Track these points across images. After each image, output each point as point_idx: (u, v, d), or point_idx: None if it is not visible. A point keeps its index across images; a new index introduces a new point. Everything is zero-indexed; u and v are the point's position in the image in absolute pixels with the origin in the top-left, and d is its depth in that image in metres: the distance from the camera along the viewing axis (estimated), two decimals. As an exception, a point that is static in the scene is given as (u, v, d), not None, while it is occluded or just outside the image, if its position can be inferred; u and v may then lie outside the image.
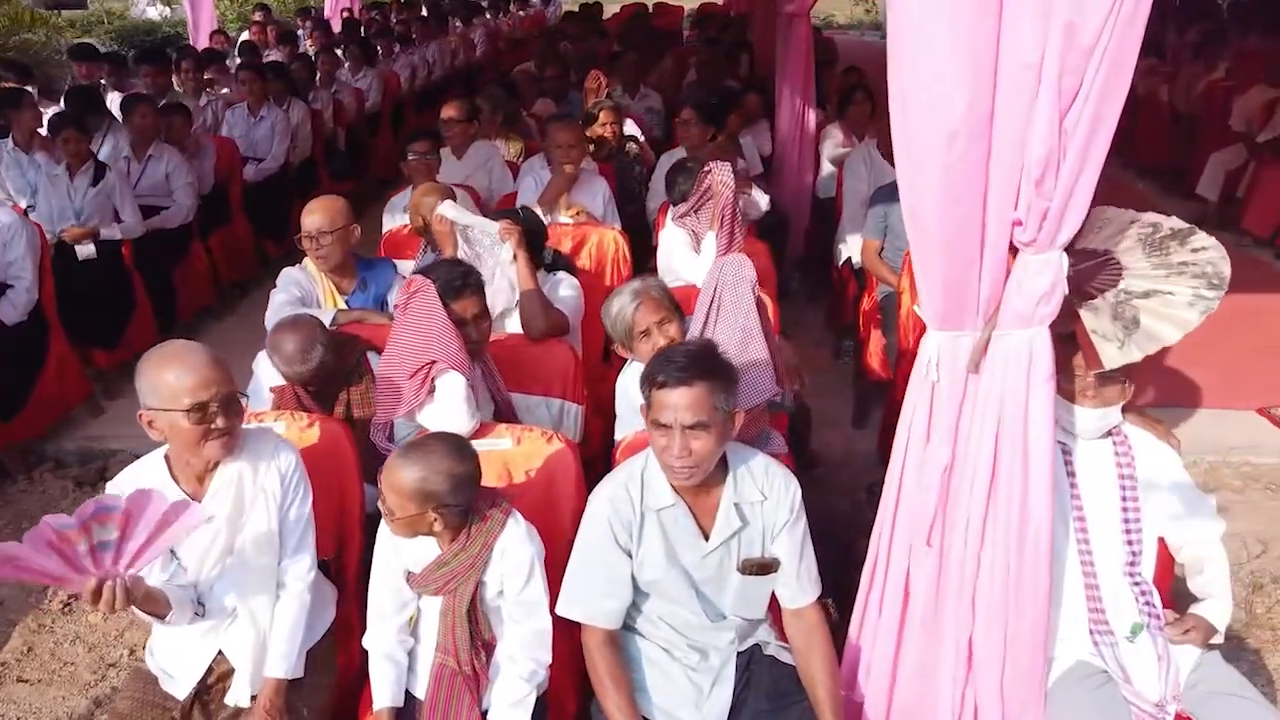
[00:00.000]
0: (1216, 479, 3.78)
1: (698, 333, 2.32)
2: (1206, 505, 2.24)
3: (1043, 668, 1.94)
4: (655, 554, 1.93)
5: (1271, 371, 4.66)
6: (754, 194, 3.97)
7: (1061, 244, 1.67)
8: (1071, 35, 1.49)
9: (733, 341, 2.27)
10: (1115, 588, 2.14)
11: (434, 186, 3.45)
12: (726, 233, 3.08)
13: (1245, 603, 3.06)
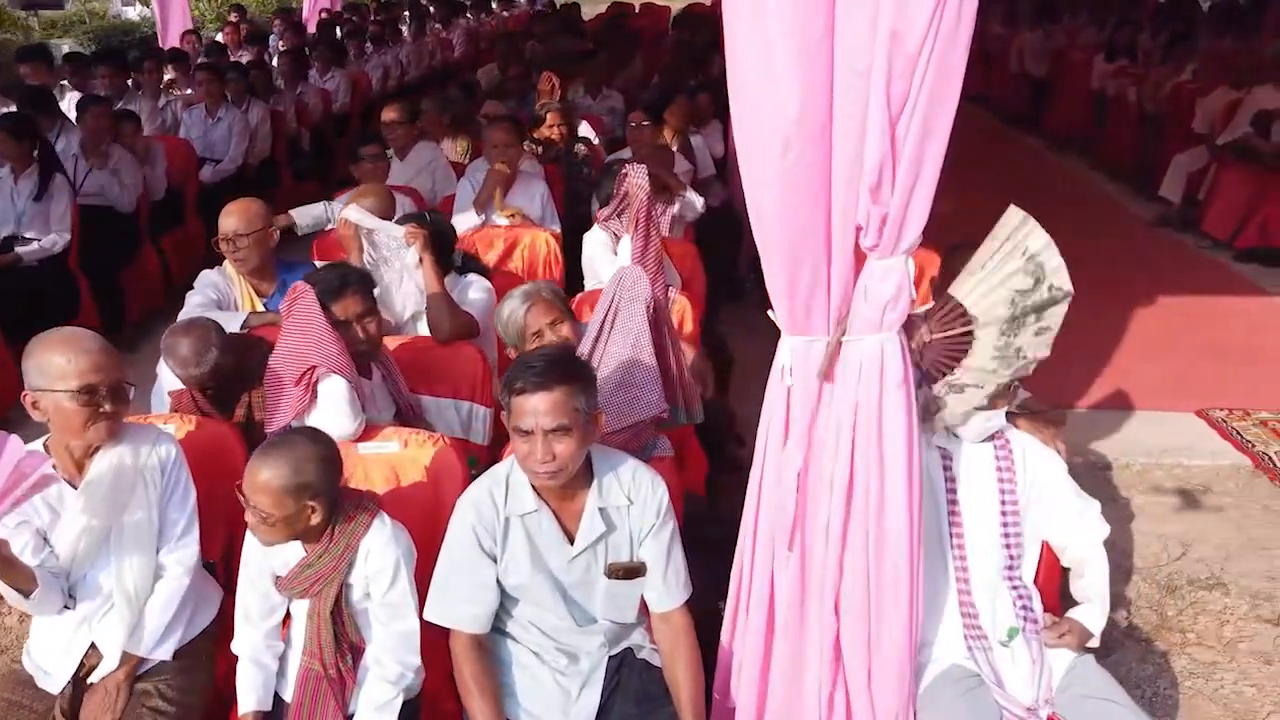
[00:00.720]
0: (1148, 481, 3.78)
1: (591, 340, 2.32)
2: (1090, 510, 2.24)
3: (911, 671, 1.95)
4: (520, 559, 1.93)
5: (1216, 373, 4.68)
6: (689, 196, 3.97)
7: (905, 249, 1.68)
8: (896, 42, 1.50)
9: (623, 355, 2.27)
10: (993, 592, 2.14)
11: (370, 189, 3.46)
12: (641, 235, 3.08)
13: (1158, 605, 3.06)
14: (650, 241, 3.19)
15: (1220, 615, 3.02)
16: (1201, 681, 2.77)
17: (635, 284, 2.30)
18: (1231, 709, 2.68)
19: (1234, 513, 3.57)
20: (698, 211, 3.93)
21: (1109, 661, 2.84)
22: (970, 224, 7.79)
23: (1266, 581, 3.18)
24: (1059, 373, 4.58)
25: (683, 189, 3.95)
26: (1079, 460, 3.93)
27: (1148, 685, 2.76)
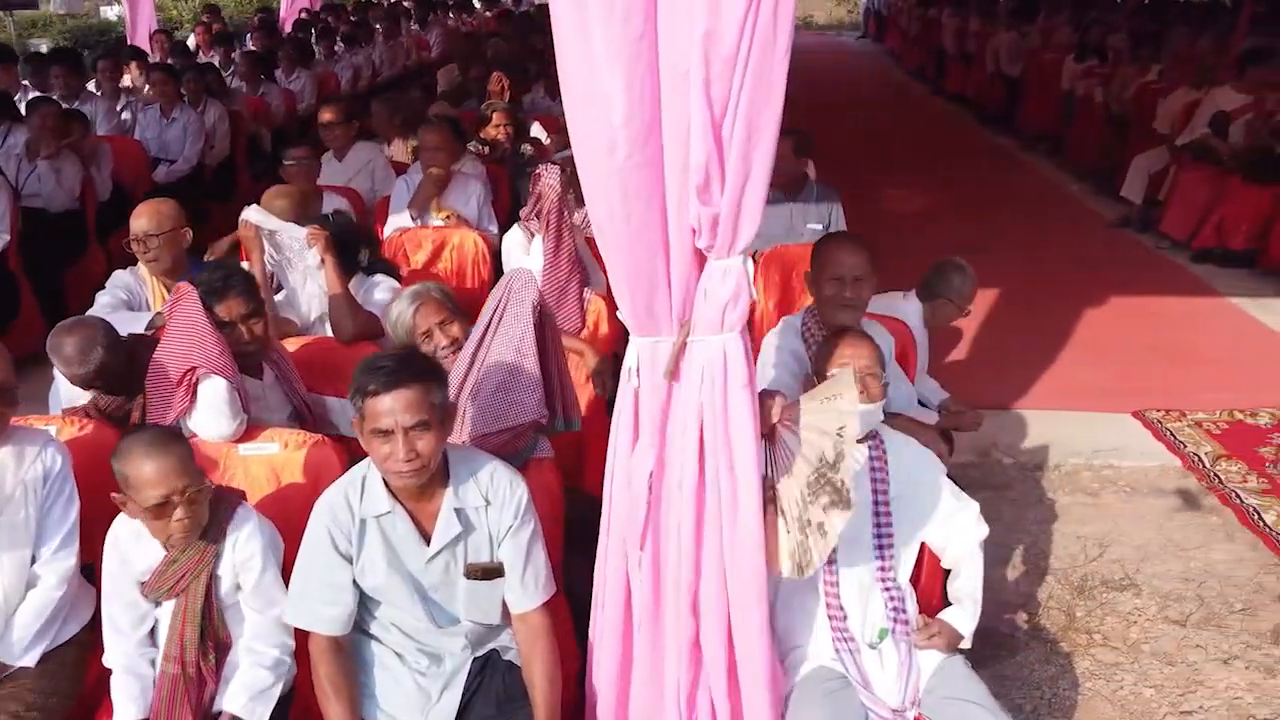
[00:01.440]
0: (1075, 483, 3.78)
1: (475, 341, 2.31)
2: (967, 511, 2.24)
3: (771, 672, 1.94)
4: (376, 560, 1.93)
5: (1159, 374, 4.68)
6: None
7: (741, 249, 1.68)
8: (712, 43, 1.49)
9: (505, 358, 2.26)
10: (865, 593, 2.14)
11: (281, 190, 3.45)
12: (553, 236, 3.08)
13: (1068, 606, 3.06)
14: (562, 242, 3.18)
15: (1128, 616, 3.02)
16: (1102, 683, 2.77)
17: (523, 288, 2.29)
18: (1129, 710, 2.68)
19: (1158, 514, 3.57)
20: None
21: (1013, 662, 2.86)
22: (937, 225, 7.87)
23: (1180, 583, 3.18)
24: (999, 373, 4.67)
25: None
26: (1010, 461, 3.94)
27: (1048, 686, 2.76)
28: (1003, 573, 3.25)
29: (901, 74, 15.30)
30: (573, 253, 3.21)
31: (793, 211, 4.09)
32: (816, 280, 2.62)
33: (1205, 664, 2.83)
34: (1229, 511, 3.58)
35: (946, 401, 3.44)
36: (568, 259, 3.21)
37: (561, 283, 3.21)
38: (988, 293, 5.70)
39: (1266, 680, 2.77)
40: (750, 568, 1.83)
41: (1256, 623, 3.00)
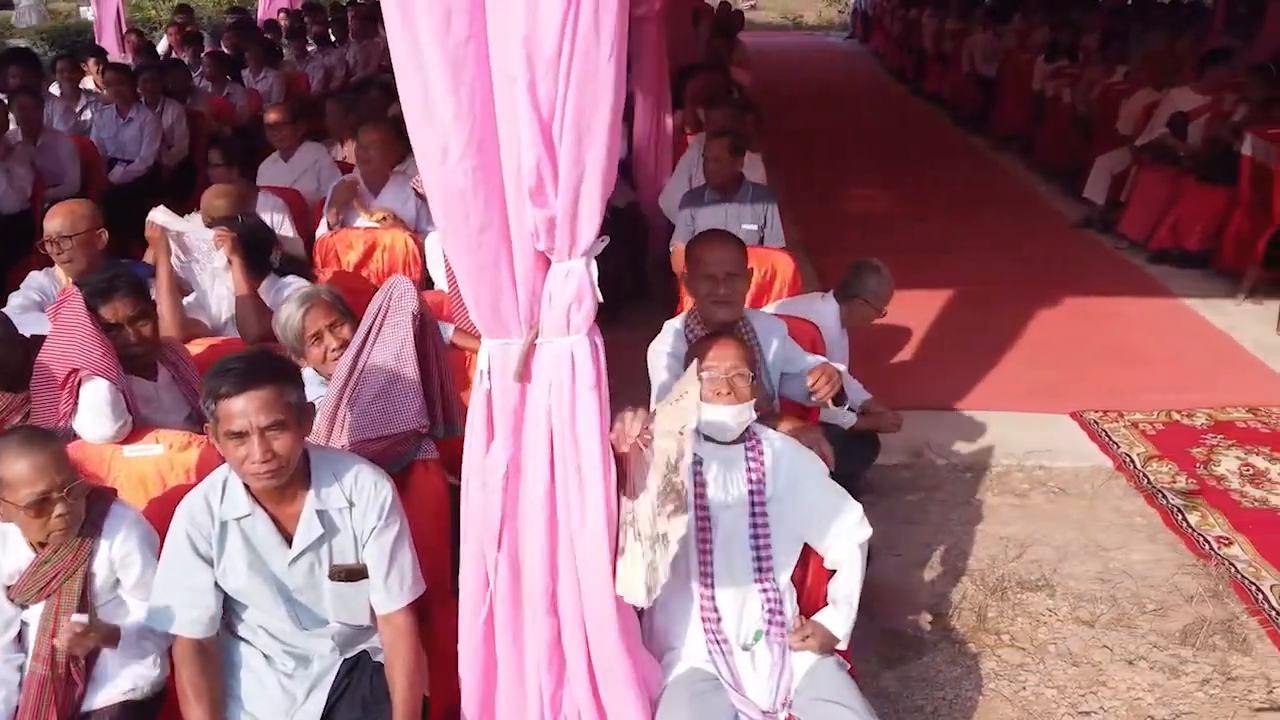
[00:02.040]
0: (1005, 483, 3.78)
1: (355, 348, 2.30)
2: (850, 513, 2.24)
3: (634, 673, 1.95)
4: (237, 563, 1.93)
5: (1104, 375, 4.69)
6: None
7: (582, 252, 1.68)
8: (533, 47, 1.50)
9: (385, 365, 2.26)
10: (741, 595, 2.14)
11: (223, 190, 3.46)
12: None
13: (980, 607, 3.06)
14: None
15: (1039, 617, 3.02)
16: (1005, 683, 2.77)
17: (402, 296, 2.29)
18: (1029, 710, 2.68)
19: (1083, 514, 3.57)
20: None
21: (920, 663, 2.86)
22: (902, 225, 7.90)
23: (1095, 583, 3.18)
24: (944, 373, 4.67)
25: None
26: (942, 462, 3.95)
27: (951, 687, 2.76)
28: (920, 574, 3.25)
29: (884, 74, 15.31)
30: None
31: (728, 212, 4.09)
32: (691, 281, 2.62)
33: (1110, 664, 2.83)
34: (1154, 512, 3.58)
35: (869, 402, 3.45)
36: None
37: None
38: (942, 293, 5.73)
39: (1169, 681, 2.77)
40: (602, 569, 1.83)
41: (1166, 623, 3.00)
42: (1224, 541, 3.39)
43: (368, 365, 2.24)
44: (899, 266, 6.09)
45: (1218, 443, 4.03)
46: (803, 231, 7.12)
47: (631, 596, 1.81)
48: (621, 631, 1.88)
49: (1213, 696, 2.72)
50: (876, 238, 6.95)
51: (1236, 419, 4.22)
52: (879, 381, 4.59)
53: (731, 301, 2.58)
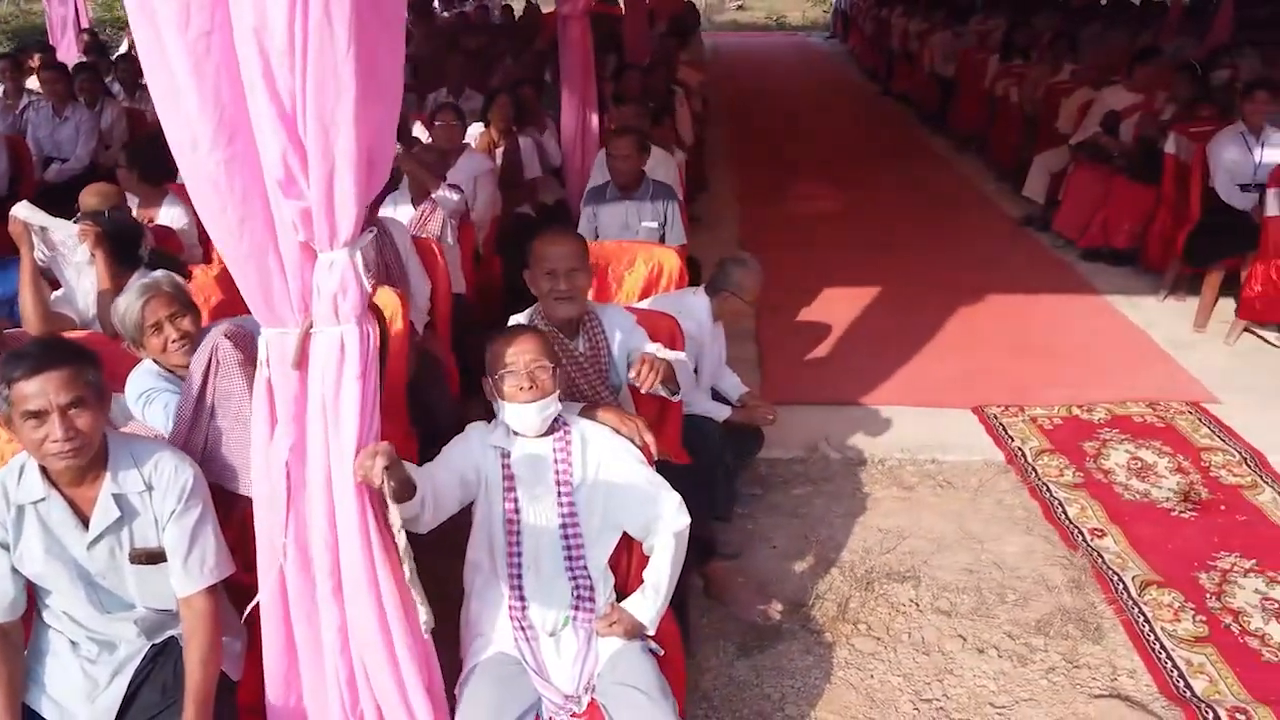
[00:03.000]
0: (895, 477, 3.81)
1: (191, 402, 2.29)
2: (665, 501, 2.27)
3: (426, 660, 1.99)
4: (34, 547, 1.96)
5: (1017, 370, 4.72)
6: (441, 195, 3.98)
7: (344, 243, 1.72)
8: (265, 38, 1.53)
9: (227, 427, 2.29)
10: (549, 583, 2.18)
11: (97, 188, 3.49)
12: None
13: (844, 598, 3.10)
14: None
15: (900, 607, 3.06)
16: (854, 671, 2.81)
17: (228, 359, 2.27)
18: (872, 698, 2.72)
19: (964, 507, 3.61)
20: (450, 205, 3.93)
21: (774, 652, 2.90)
22: (850, 223, 7.97)
23: (962, 574, 3.22)
24: (858, 368, 4.70)
25: (436, 189, 3.97)
26: (836, 456, 3.97)
27: (801, 676, 2.80)
28: (792, 565, 3.29)
29: (858, 75, 15.34)
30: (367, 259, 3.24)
31: (628, 209, 4.13)
32: (533, 277, 2.65)
33: (960, 653, 2.87)
34: (1036, 505, 3.61)
35: (745, 395, 3.49)
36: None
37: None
38: (870, 290, 5.77)
39: (1015, 669, 2.81)
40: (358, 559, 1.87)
41: (1024, 613, 3.04)
42: (1098, 533, 3.42)
43: (213, 424, 2.27)
44: (834, 264, 6.28)
45: (1111, 437, 4.06)
46: (744, 229, 7.19)
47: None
48: (406, 615, 1.92)
49: (1054, 684, 2.75)
50: (823, 234, 7.01)
51: (1135, 414, 4.25)
52: (790, 376, 4.67)
53: (573, 297, 2.61)
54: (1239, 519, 3.51)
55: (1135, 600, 3.07)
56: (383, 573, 1.89)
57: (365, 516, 1.86)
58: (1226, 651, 2.86)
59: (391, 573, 1.90)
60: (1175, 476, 3.78)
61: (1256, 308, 4.78)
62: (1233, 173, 5.05)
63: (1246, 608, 3.04)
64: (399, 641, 1.94)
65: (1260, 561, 3.25)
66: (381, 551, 1.89)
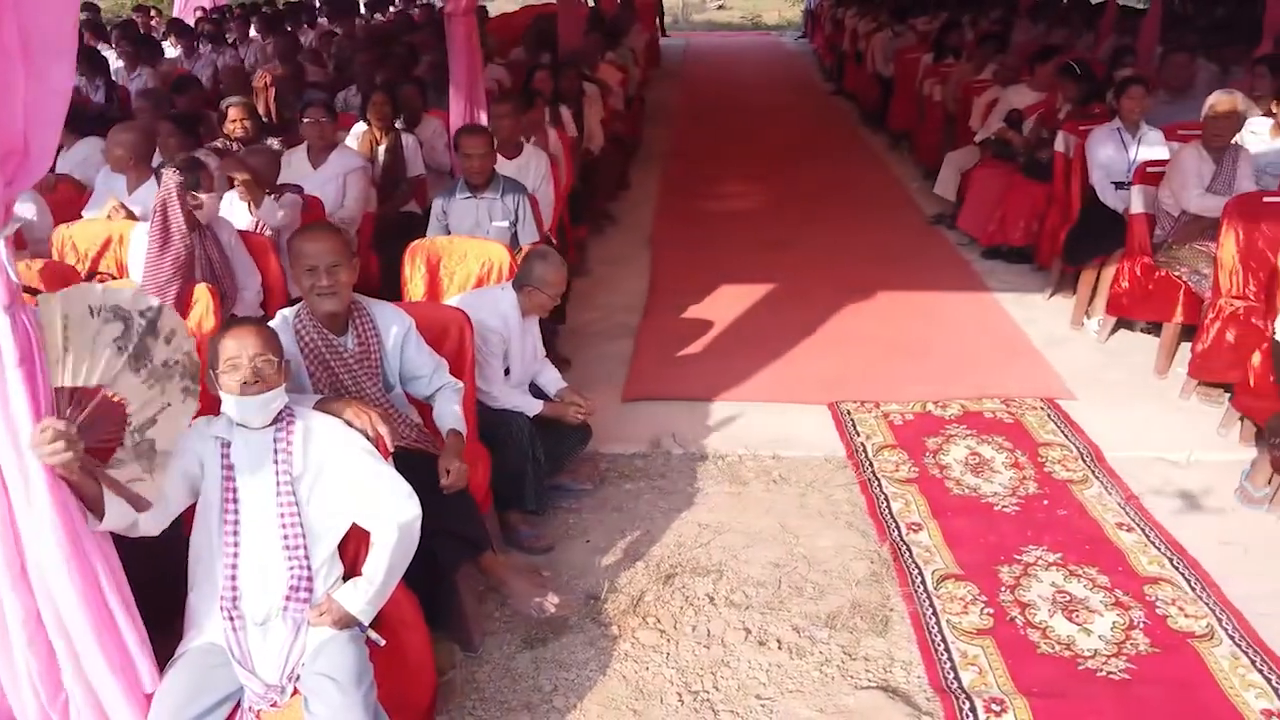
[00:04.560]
0: (732, 472, 3.83)
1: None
2: (394, 491, 2.28)
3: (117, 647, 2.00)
4: None
5: (885, 366, 4.75)
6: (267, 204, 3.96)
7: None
8: None
9: None
10: (264, 574, 2.19)
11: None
12: (158, 235, 3.18)
13: (639, 591, 3.12)
14: (169, 242, 3.25)
15: (694, 601, 3.07)
16: (632, 664, 2.82)
17: None
18: (642, 690, 2.73)
19: (791, 502, 3.62)
20: (275, 222, 3.93)
21: (559, 644, 2.91)
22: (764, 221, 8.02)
23: (768, 568, 3.24)
24: (725, 365, 4.72)
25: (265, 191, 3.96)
26: (679, 451, 4.00)
27: (579, 669, 2.81)
28: (599, 559, 3.30)
29: (817, 74, 15.36)
30: (180, 255, 3.27)
31: (479, 208, 4.14)
32: (294, 274, 2.66)
33: (741, 645, 2.88)
34: (864, 500, 3.63)
35: (562, 391, 3.51)
36: (172, 261, 3.27)
37: (161, 282, 3.27)
38: (763, 288, 5.79)
39: (791, 661, 2.82)
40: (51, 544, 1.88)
41: (817, 606, 3.05)
42: (915, 528, 3.44)
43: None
44: (735, 262, 6.30)
45: (957, 433, 4.08)
46: (657, 226, 7.22)
47: None
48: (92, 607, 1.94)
49: (826, 676, 2.77)
50: (724, 233, 7.00)
51: (987, 409, 4.27)
52: (655, 373, 4.69)
53: (336, 292, 2.62)
54: (1059, 513, 3.53)
55: (930, 593, 3.09)
56: (80, 561, 1.91)
57: (57, 502, 1.86)
58: (1004, 644, 2.88)
59: (102, 565, 1.91)
60: (1009, 472, 3.80)
61: (1124, 304, 4.80)
62: (1109, 170, 5.07)
63: (1037, 600, 3.06)
64: (83, 631, 1.95)
65: (1065, 555, 3.28)
66: (77, 536, 1.91)
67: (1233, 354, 3.97)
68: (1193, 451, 3.91)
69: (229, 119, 4.93)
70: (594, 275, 6.18)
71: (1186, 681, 2.73)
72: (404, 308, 2.92)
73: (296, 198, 4.15)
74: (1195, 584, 3.12)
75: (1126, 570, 3.20)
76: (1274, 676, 2.73)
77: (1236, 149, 4.52)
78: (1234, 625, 2.94)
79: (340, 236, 2.67)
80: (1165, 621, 2.96)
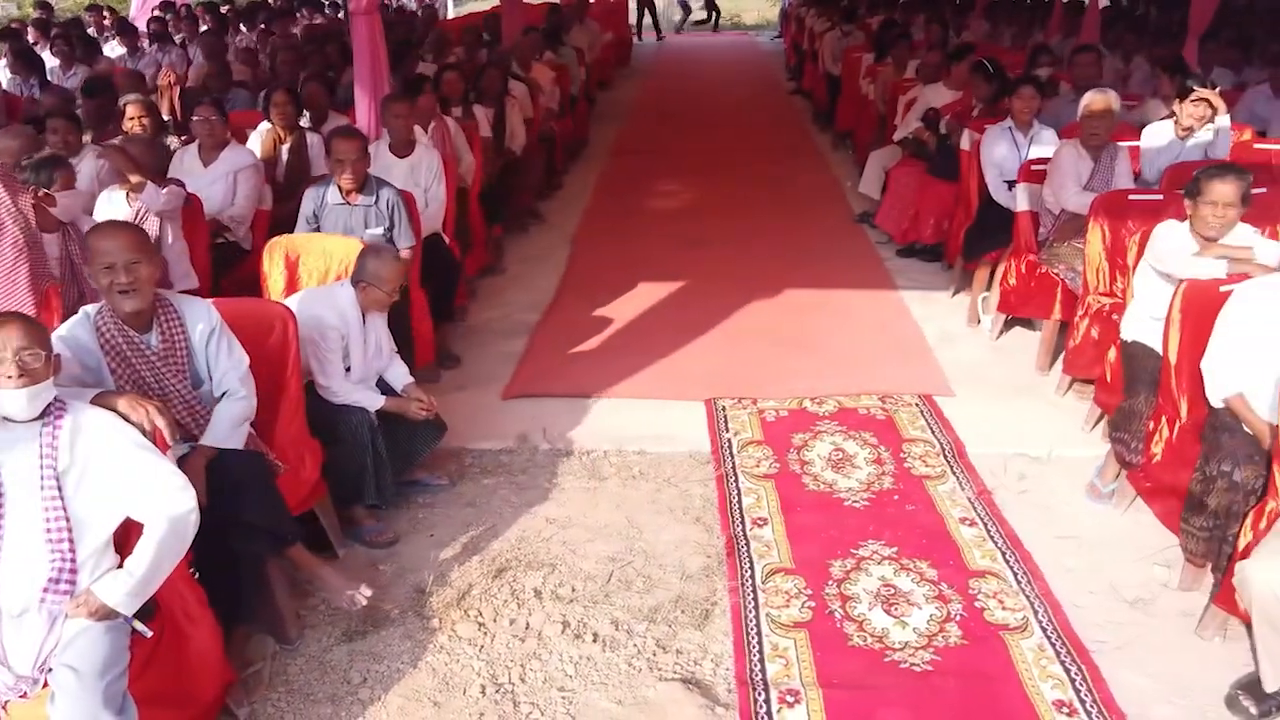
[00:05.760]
0: (593, 468, 3.85)
1: None
2: (164, 484, 2.30)
3: None
4: None
5: (776, 364, 4.76)
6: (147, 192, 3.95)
7: None
8: None
9: None
10: (26, 566, 2.21)
11: None
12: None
13: (468, 585, 3.14)
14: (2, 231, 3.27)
15: (519, 594, 3.10)
16: (444, 656, 2.84)
17: None
18: (448, 682, 2.76)
19: (646, 497, 3.64)
20: (158, 206, 3.93)
21: (377, 637, 2.94)
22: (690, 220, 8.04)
23: (603, 563, 3.26)
24: (615, 362, 4.74)
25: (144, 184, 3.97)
26: (546, 447, 4.02)
27: (392, 661, 2.84)
28: (438, 553, 3.32)
29: (783, 74, 15.38)
30: (18, 239, 3.29)
31: (351, 215, 4.12)
32: (93, 273, 2.66)
33: (557, 639, 2.91)
34: (717, 496, 3.65)
35: (407, 387, 3.53)
36: (11, 245, 3.29)
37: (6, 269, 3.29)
38: (675, 285, 5.82)
39: (602, 654, 2.85)
40: None
41: (643, 600, 3.08)
42: (761, 523, 3.47)
43: None
44: (653, 260, 6.32)
45: (827, 429, 4.10)
46: (583, 224, 7.24)
47: None
48: None
49: (634, 669, 2.79)
50: (647, 232, 7.02)
51: (862, 406, 4.29)
52: (540, 370, 4.71)
53: (136, 289, 2.63)
54: (907, 508, 3.55)
55: (756, 587, 3.12)
56: None
57: None
58: (817, 637, 2.90)
59: None
60: (870, 467, 3.82)
61: (1012, 302, 4.82)
62: (1002, 169, 5.10)
63: (861, 594, 3.08)
64: None
65: (900, 550, 3.30)
66: None
67: (1096, 350, 4.00)
68: (1055, 447, 3.93)
69: (127, 116, 4.95)
70: (509, 273, 6.20)
71: (987, 673, 2.75)
72: (228, 305, 2.95)
73: (180, 190, 4.15)
74: (1022, 577, 3.15)
75: (957, 564, 3.23)
76: (1074, 668, 2.76)
77: (1115, 148, 4.54)
78: (1049, 617, 2.97)
79: (139, 233, 2.68)
80: (982, 614, 2.99)
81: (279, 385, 3.01)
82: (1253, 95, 6.61)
